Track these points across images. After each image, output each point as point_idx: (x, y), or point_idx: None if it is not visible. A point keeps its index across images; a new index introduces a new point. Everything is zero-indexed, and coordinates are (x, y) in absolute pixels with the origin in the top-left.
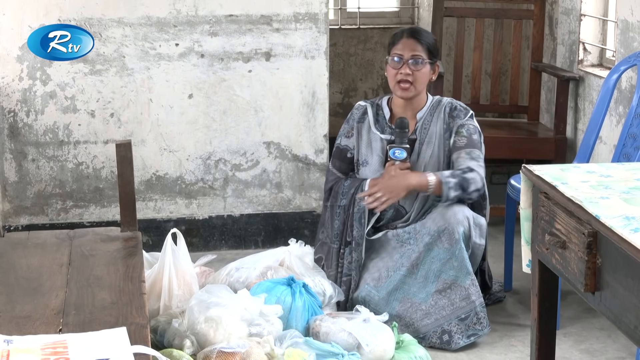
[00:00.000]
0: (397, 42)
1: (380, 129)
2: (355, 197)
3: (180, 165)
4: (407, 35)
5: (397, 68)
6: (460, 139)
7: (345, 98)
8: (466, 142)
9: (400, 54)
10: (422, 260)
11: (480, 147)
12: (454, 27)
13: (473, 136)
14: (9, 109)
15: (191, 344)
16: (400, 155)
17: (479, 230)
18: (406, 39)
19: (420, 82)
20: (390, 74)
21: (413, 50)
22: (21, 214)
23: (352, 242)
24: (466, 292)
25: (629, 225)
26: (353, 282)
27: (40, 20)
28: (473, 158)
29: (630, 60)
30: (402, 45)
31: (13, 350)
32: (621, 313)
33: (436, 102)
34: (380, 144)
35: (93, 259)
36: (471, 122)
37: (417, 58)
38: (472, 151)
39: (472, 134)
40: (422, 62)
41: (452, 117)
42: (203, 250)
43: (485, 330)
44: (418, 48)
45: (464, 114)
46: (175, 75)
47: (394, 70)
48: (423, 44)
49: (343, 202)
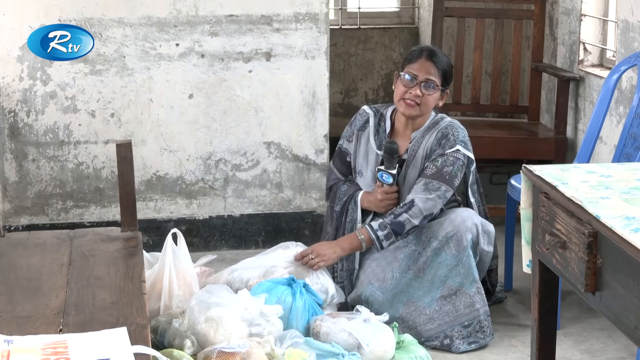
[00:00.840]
0: (414, 61)
1: (378, 143)
2: (348, 207)
3: (180, 165)
4: (426, 57)
5: (408, 87)
6: (431, 167)
7: (346, 98)
8: (432, 173)
9: (415, 74)
10: (429, 264)
11: (448, 181)
12: (454, 27)
13: (444, 169)
14: (9, 109)
15: (191, 344)
16: (387, 180)
17: (487, 238)
18: (425, 60)
19: (427, 105)
20: (399, 91)
21: (428, 73)
22: (21, 214)
23: None
24: (471, 300)
25: (630, 225)
26: (346, 290)
27: (40, 21)
28: (428, 189)
29: (631, 61)
30: (418, 65)
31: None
32: (621, 313)
33: (433, 123)
34: (374, 158)
35: (93, 259)
36: (454, 155)
37: (430, 82)
38: (430, 182)
39: (445, 166)
40: (434, 87)
41: (439, 145)
42: (203, 251)
43: (487, 339)
44: (433, 72)
45: (450, 145)
46: (176, 75)
47: (403, 88)
48: (439, 69)
49: (337, 208)
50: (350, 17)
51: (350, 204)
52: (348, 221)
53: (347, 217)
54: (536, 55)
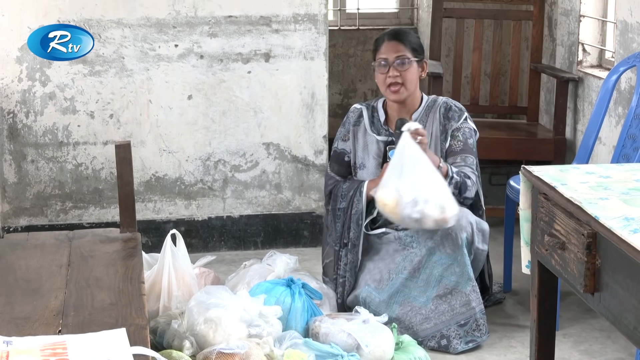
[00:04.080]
0: (380, 47)
1: (376, 132)
2: (354, 199)
3: (179, 166)
4: (389, 38)
5: (384, 72)
6: (457, 143)
7: (345, 99)
8: (462, 147)
9: (384, 58)
10: (424, 264)
11: (474, 153)
12: (453, 28)
13: (469, 140)
14: (8, 110)
15: (190, 345)
16: None
17: (481, 236)
18: (388, 41)
19: (410, 81)
20: (380, 79)
21: (397, 51)
22: (20, 215)
23: (349, 244)
24: (467, 298)
25: (629, 226)
26: (348, 283)
27: (39, 22)
28: (468, 165)
29: (630, 61)
30: (385, 49)
31: (12, 351)
32: (620, 314)
33: (431, 102)
34: (376, 146)
35: (92, 260)
36: (467, 125)
37: (402, 59)
38: (467, 157)
39: (468, 138)
40: (409, 61)
41: (447, 118)
42: (202, 251)
43: (484, 337)
44: (401, 48)
45: (458, 116)
46: (175, 76)
47: (382, 75)
48: (406, 44)
49: (342, 204)
50: (349, 18)
51: (356, 196)
52: (353, 213)
53: (352, 210)
54: (535, 56)
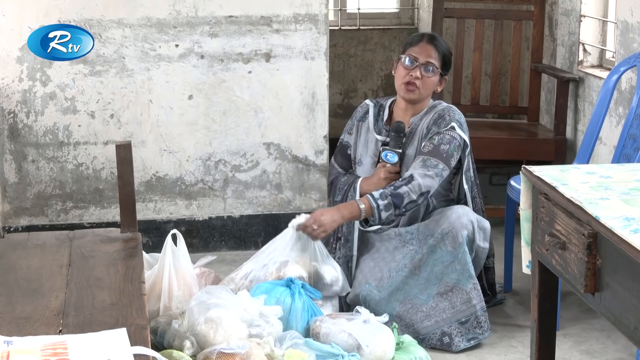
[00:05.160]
0: (415, 45)
1: (378, 131)
2: (347, 194)
3: (180, 166)
4: (427, 41)
5: (408, 69)
6: (428, 145)
7: (345, 99)
8: (430, 150)
9: (415, 57)
10: (424, 262)
11: (444, 159)
12: (454, 28)
13: (442, 146)
14: (8, 110)
15: (191, 345)
16: (392, 158)
17: (482, 234)
18: (425, 43)
19: (427, 88)
20: (400, 74)
21: (429, 56)
22: (21, 215)
23: (342, 238)
24: (467, 296)
25: (629, 226)
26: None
27: (40, 22)
28: (426, 166)
29: (630, 61)
30: (419, 49)
31: (13, 351)
32: (621, 314)
33: (431, 107)
34: (374, 145)
35: (93, 260)
36: (450, 133)
37: (431, 65)
38: (428, 159)
39: (443, 144)
40: (434, 70)
41: (435, 124)
42: (203, 251)
43: (485, 335)
44: (434, 55)
45: (445, 124)
46: (175, 76)
47: (404, 71)
48: (439, 52)
49: (338, 198)
50: (349, 18)
51: (350, 191)
52: None
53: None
54: (536, 56)
